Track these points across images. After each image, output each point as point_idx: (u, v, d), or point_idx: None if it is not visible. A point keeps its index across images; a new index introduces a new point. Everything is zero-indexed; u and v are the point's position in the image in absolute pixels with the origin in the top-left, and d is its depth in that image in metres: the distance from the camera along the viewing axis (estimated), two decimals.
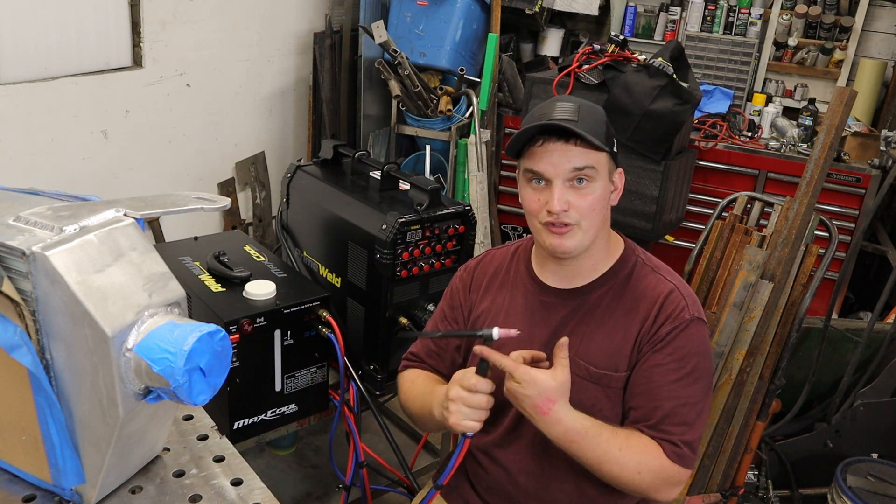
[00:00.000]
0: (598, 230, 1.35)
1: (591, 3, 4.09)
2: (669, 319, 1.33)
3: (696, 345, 1.33)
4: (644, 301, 1.37)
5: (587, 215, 1.31)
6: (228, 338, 1.01)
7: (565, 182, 1.30)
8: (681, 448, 1.30)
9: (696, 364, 1.33)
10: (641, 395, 1.33)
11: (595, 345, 1.37)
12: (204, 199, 1.11)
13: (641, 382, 1.33)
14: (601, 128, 1.31)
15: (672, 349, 1.32)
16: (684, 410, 1.31)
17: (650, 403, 1.32)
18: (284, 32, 3.75)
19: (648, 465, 1.29)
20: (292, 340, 1.84)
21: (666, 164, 3.07)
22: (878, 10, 3.89)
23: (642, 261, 1.43)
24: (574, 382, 1.33)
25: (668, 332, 1.32)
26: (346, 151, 2.31)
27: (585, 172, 1.29)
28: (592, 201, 1.31)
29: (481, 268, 1.55)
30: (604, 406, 1.36)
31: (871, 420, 2.55)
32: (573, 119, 1.28)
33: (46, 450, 1.04)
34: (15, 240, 0.95)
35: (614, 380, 1.36)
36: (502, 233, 3.99)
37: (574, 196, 1.30)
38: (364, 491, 2.02)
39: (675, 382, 1.31)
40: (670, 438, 1.30)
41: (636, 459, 1.28)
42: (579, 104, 1.32)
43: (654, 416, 1.31)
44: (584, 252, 1.36)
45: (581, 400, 1.34)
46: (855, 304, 3.70)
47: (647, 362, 1.33)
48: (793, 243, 2.15)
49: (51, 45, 2.82)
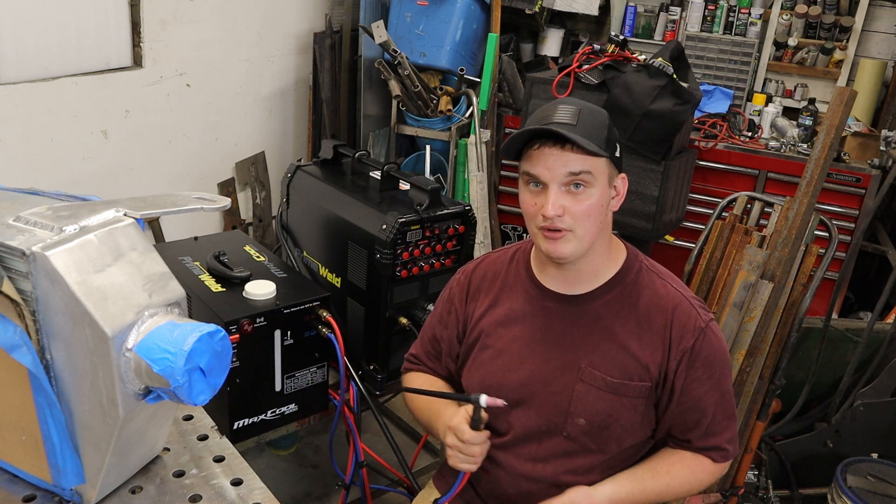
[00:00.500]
0: (594, 236, 1.33)
1: (591, 3, 4.09)
2: (688, 332, 1.35)
3: (717, 346, 1.39)
4: (656, 312, 1.37)
5: (582, 222, 1.29)
6: (228, 338, 1.01)
7: (561, 186, 1.28)
8: (727, 450, 1.42)
9: (723, 362, 1.40)
10: (687, 411, 1.38)
11: (610, 355, 1.37)
12: (204, 199, 1.11)
13: (685, 401, 1.37)
14: (601, 132, 1.29)
15: (702, 360, 1.36)
16: (724, 405, 1.40)
17: (697, 416, 1.39)
18: (284, 32, 3.75)
19: (698, 480, 1.41)
20: (292, 340, 1.84)
21: (666, 164, 3.07)
22: (878, 10, 3.89)
23: (647, 267, 1.43)
24: (590, 394, 1.37)
25: (692, 345, 1.35)
26: (346, 151, 2.31)
27: (581, 178, 1.28)
28: (588, 207, 1.29)
29: (478, 272, 1.54)
30: (621, 415, 1.37)
31: (871, 420, 2.55)
32: (571, 123, 1.27)
33: (46, 450, 1.04)
34: (15, 240, 0.95)
35: (631, 389, 1.36)
36: (502, 233, 3.99)
37: (570, 201, 1.28)
38: (364, 491, 2.02)
39: (712, 388, 1.38)
40: (718, 444, 1.40)
41: (685, 483, 1.40)
42: (581, 108, 1.30)
43: (702, 424, 1.39)
44: (581, 258, 1.35)
45: (598, 410, 1.37)
46: (855, 304, 3.70)
47: (686, 379, 1.36)
48: (793, 243, 2.15)
49: (51, 45, 2.82)
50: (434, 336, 1.59)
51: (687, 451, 1.41)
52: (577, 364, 1.38)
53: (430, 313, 1.65)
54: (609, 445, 1.39)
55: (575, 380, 1.38)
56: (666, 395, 1.38)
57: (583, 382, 1.37)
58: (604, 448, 1.39)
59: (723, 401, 1.39)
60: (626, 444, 1.40)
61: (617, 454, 1.41)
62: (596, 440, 1.38)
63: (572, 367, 1.38)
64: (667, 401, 1.38)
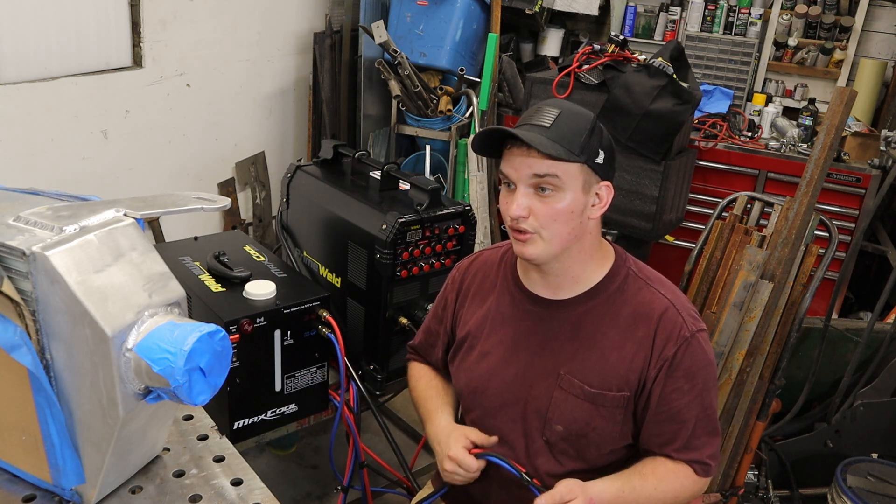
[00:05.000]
0: (565, 241, 1.30)
1: (591, 3, 4.10)
2: (671, 341, 1.33)
3: (702, 358, 1.35)
4: (640, 319, 1.35)
5: (548, 224, 1.28)
6: (228, 338, 1.01)
7: (528, 188, 1.28)
8: (708, 465, 1.38)
9: (706, 375, 1.36)
10: (664, 422, 1.35)
11: (589, 364, 1.36)
12: (204, 199, 1.11)
13: (663, 411, 1.35)
14: (576, 137, 1.26)
15: (683, 371, 1.33)
16: (706, 420, 1.37)
17: (675, 427, 1.35)
18: (284, 32, 3.75)
19: (684, 488, 1.37)
20: (292, 340, 1.84)
21: (666, 164, 3.07)
22: (878, 10, 3.89)
23: (634, 273, 1.40)
24: (567, 401, 1.37)
25: (673, 354, 1.33)
26: (346, 151, 2.31)
27: (547, 181, 1.26)
28: (555, 212, 1.27)
29: (471, 270, 1.55)
30: (598, 424, 1.36)
31: (871, 420, 2.55)
32: (545, 126, 1.26)
33: (46, 450, 1.04)
34: (15, 240, 0.95)
35: (609, 399, 1.35)
36: (502, 232, 3.99)
37: (537, 203, 1.28)
38: (364, 491, 2.02)
39: (693, 401, 1.35)
40: (699, 458, 1.37)
41: (673, 487, 1.36)
42: (561, 112, 1.29)
43: (681, 436, 1.35)
44: (555, 262, 1.34)
45: (575, 418, 1.36)
46: (855, 304, 3.70)
47: (664, 389, 1.34)
48: (793, 243, 2.15)
49: (51, 45, 2.82)
50: (429, 328, 1.64)
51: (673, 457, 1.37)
52: (557, 370, 1.37)
53: (427, 313, 1.68)
54: (588, 452, 1.39)
55: (553, 386, 1.37)
56: (642, 403, 1.35)
57: (561, 389, 1.37)
58: (583, 455, 1.39)
59: (704, 416, 1.36)
60: (605, 450, 1.39)
61: (598, 460, 1.40)
62: (575, 446, 1.38)
63: (552, 374, 1.38)
64: (643, 409, 1.36)
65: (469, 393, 1.49)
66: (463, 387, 1.50)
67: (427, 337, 1.64)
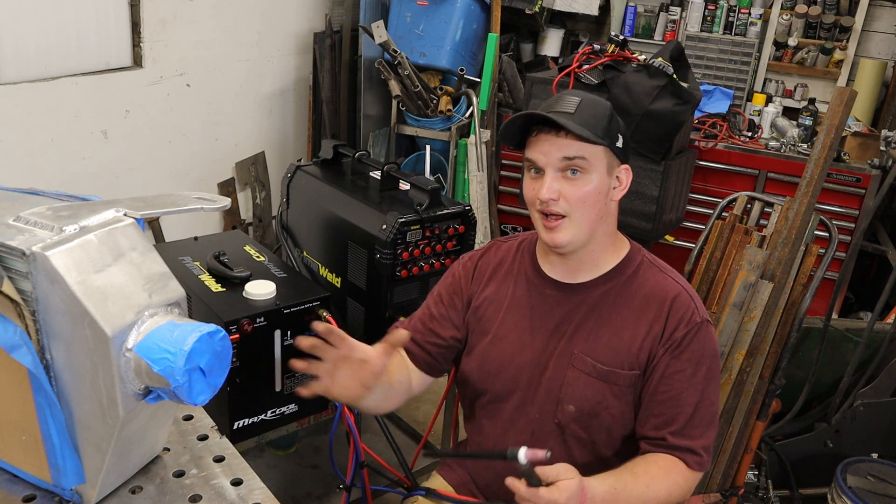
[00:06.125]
0: (593, 224, 1.35)
1: (591, 3, 4.10)
2: (682, 323, 1.35)
3: (709, 346, 1.37)
4: (653, 301, 1.38)
5: (577, 207, 1.32)
6: (228, 338, 1.01)
7: (557, 171, 1.32)
8: (701, 456, 1.36)
9: (710, 365, 1.37)
10: (665, 402, 1.35)
11: (602, 342, 1.38)
12: (204, 199, 1.11)
13: (664, 391, 1.35)
14: (600, 122, 1.32)
15: (689, 354, 1.35)
16: (704, 411, 1.36)
17: (674, 410, 1.35)
18: (284, 32, 3.75)
19: (677, 485, 1.35)
20: (292, 340, 1.84)
21: (666, 164, 3.07)
22: (878, 10, 3.89)
23: (649, 261, 1.44)
24: (580, 380, 1.38)
25: (682, 335, 1.35)
26: (346, 151, 2.31)
27: (576, 163, 1.30)
28: (584, 193, 1.32)
29: (486, 258, 1.55)
30: (610, 403, 1.37)
31: (871, 420, 2.55)
32: (569, 112, 1.31)
33: (46, 450, 1.04)
34: (15, 240, 0.95)
35: (621, 377, 1.37)
36: (502, 232, 4.00)
37: (567, 186, 1.32)
38: (364, 491, 2.02)
39: (694, 386, 1.35)
40: (693, 447, 1.35)
41: (665, 486, 1.34)
42: (583, 98, 1.34)
43: (678, 420, 1.35)
44: (582, 247, 1.37)
45: (587, 396, 1.37)
46: (855, 304, 3.70)
47: (668, 369, 1.35)
48: (793, 243, 2.15)
49: (51, 45, 2.82)
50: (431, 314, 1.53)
51: (661, 454, 1.36)
52: (571, 351, 1.39)
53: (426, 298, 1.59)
54: (599, 434, 1.39)
55: (567, 366, 1.39)
56: (645, 379, 1.37)
57: (574, 368, 1.38)
58: (594, 437, 1.39)
59: (703, 405, 1.36)
60: (616, 435, 1.40)
61: (607, 448, 1.40)
62: (585, 428, 1.39)
63: (566, 354, 1.40)
64: (642, 385, 1.37)
65: (481, 377, 1.47)
66: (474, 371, 1.48)
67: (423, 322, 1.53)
